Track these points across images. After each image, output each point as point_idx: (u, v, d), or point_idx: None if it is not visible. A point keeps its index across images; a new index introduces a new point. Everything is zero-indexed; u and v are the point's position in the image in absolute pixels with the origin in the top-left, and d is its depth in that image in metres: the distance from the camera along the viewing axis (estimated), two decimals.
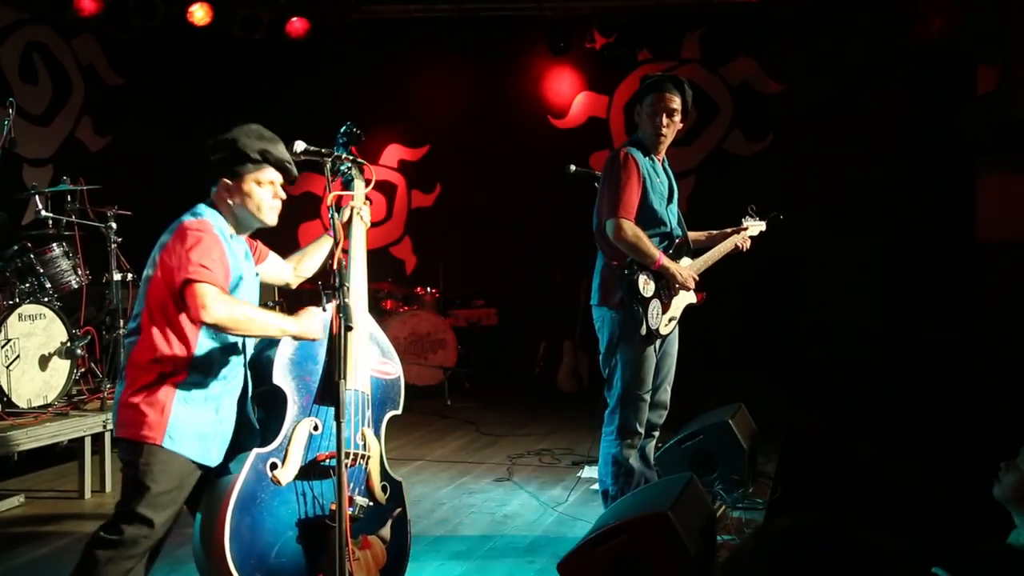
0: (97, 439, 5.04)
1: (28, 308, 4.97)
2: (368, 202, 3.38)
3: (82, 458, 4.98)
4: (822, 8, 7.69)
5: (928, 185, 7.60)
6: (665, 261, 3.90)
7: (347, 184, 3.40)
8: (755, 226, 4.41)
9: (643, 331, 3.82)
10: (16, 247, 5.21)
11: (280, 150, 3.03)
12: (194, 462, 2.85)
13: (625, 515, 3.25)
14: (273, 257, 3.35)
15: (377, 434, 3.19)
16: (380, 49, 8.86)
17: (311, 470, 2.97)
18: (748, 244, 4.35)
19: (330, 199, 2.92)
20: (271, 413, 3.03)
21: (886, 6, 7.45)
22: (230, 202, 2.97)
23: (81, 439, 4.96)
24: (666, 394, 4.17)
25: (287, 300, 7.32)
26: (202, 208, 2.96)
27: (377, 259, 9.18)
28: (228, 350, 2.94)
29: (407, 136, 9.52)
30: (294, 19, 8.44)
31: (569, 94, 9.10)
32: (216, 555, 2.79)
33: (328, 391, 2.97)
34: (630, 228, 3.82)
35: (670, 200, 4.10)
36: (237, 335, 2.88)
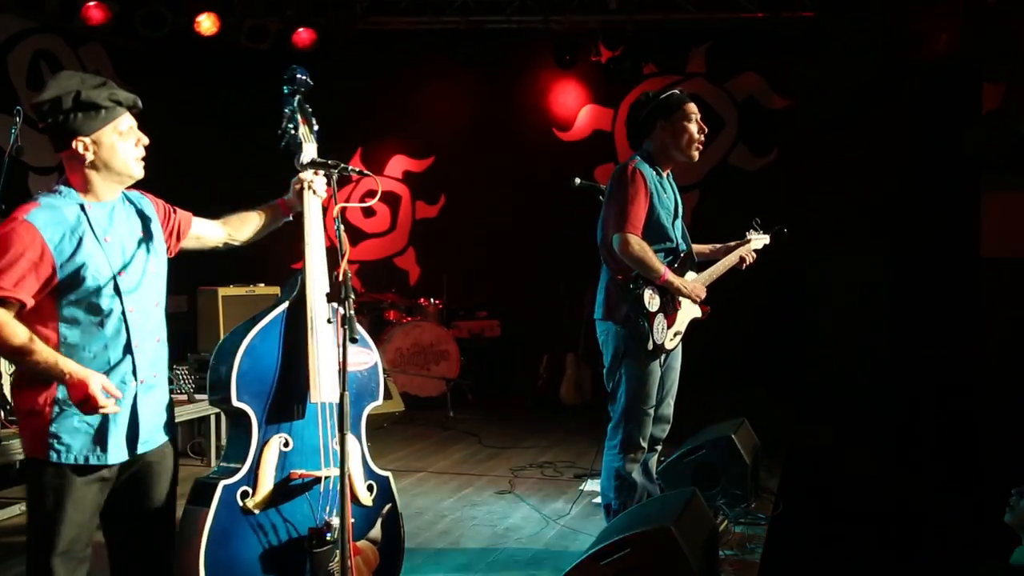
0: None
1: None
2: (331, 170, 3.03)
3: None
4: (828, 24, 7.71)
5: (933, 201, 7.61)
6: (671, 276, 3.89)
7: (292, 148, 3.15)
8: (759, 239, 4.39)
9: (649, 346, 3.81)
10: None
11: (123, 91, 2.63)
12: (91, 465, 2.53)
13: (628, 529, 3.23)
14: (198, 223, 2.98)
15: (356, 433, 2.96)
16: (386, 60, 8.90)
17: (285, 491, 2.80)
18: (753, 258, 4.32)
19: (336, 210, 2.91)
20: (236, 433, 2.85)
21: (892, 23, 7.47)
22: (89, 166, 2.55)
23: None
24: (669, 408, 4.16)
25: None
26: (42, 195, 2.53)
27: (381, 270, 9.31)
28: (98, 339, 2.54)
29: (412, 147, 9.54)
30: (301, 30, 8.47)
31: (574, 107, 9.13)
32: None
33: (293, 402, 2.83)
34: (637, 243, 3.81)
35: (676, 215, 4.09)
36: None
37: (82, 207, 2.54)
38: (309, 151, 3.06)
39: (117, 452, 2.57)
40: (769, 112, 8.54)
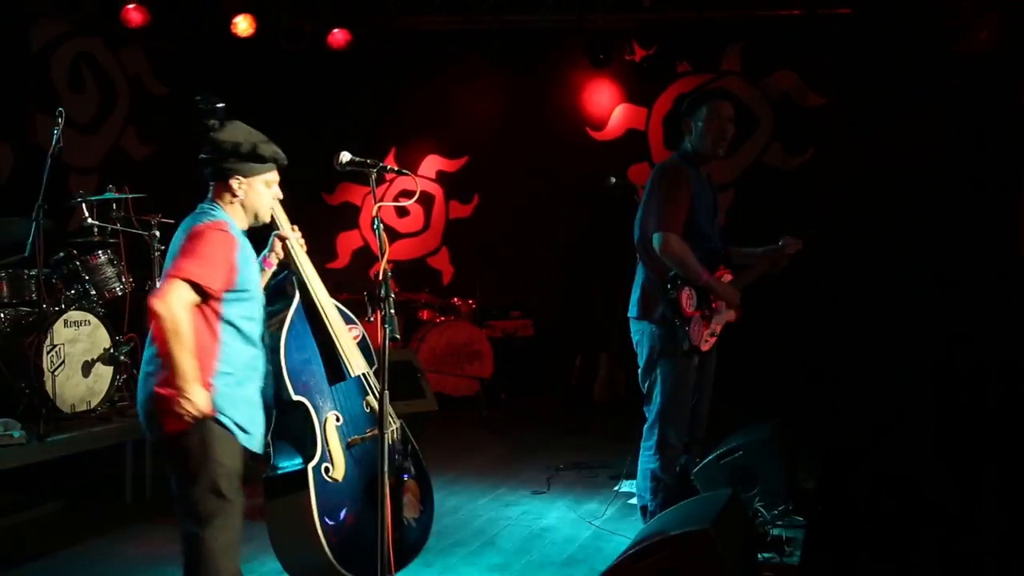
0: (139, 445, 5.09)
1: (74, 314, 5.04)
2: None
3: (124, 463, 5.04)
4: (866, 21, 7.62)
5: (972, 199, 7.49)
6: (709, 277, 3.87)
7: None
8: (793, 244, 4.32)
9: (685, 347, 3.80)
10: (62, 254, 5.30)
11: (280, 152, 3.12)
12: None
13: (665, 531, 3.21)
14: None
15: (372, 393, 3.46)
16: (420, 60, 8.92)
17: (352, 454, 3.29)
18: (785, 263, 4.27)
19: (375, 209, 2.93)
20: (295, 425, 3.22)
21: (931, 19, 7.37)
22: (237, 201, 3.00)
23: (123, 444, 5.02)
24: (704, 408, 4.14)
25: None
26: (216, 209, 2.97)
27: (414, 269, 9.35)
28: (251, 343, 2.97)
29: (446, 147, 9.56)
30: (336, 30, 8.52)
31: (608, 106, 9.08)
32: (323, 565, 3.12)
33: (330, 382, 3.30)
34: (677, 243, 3.79)
35: (714, 215, 4.06)
36: (162, 337, 2.73)
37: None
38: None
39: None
40: (804, 110, 8.44)
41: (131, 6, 7.65)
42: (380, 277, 2.81)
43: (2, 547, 4.20)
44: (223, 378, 2.85)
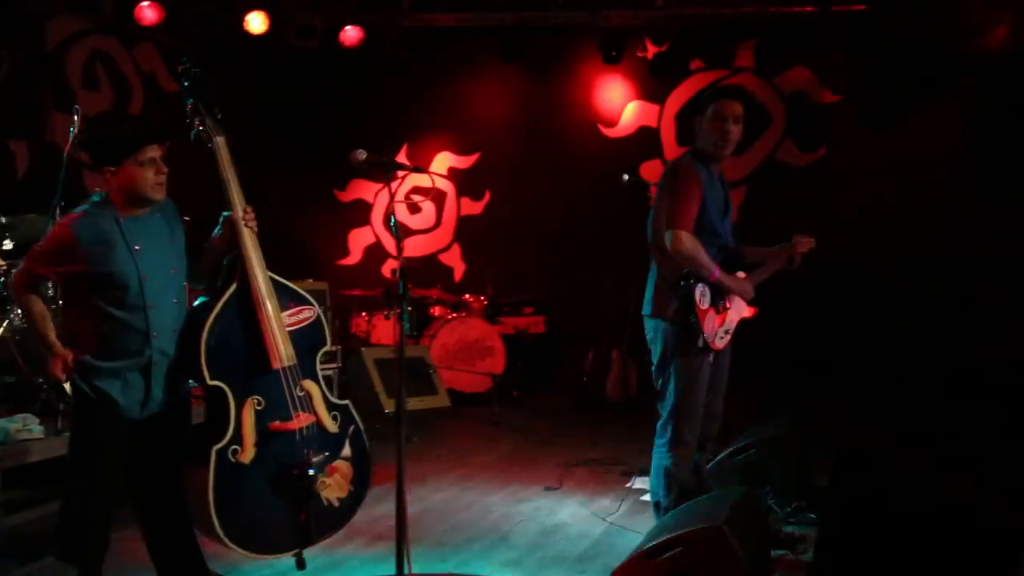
0: None
1: None
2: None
3: None
4: (880, 17, 7.60)
5: (989, 197, 7.46)
6: (721, 274, 3.88)
7: (205, 140, 3.51)
8: (805, 243, 4.30)
9: (699, 343, 3.81)
10: None
11: (142, 124, 3.34)
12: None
13: (679, 528, 3.23)
14: None
15: (313, 377, 3.47)
16: (432, 57, 8.94)
17: (267, 438, 3.30)
18: (799, 261, 4.27)
19: (390, 208, 2.95)
20: (212, 405, 3.30)
21: (948, 16, 7.34)
22: (119, 189, 3.15)
23: None
24: (719, 405, 4.14)
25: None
26: (90, 200, 3.19)
27: (426, 266, 9.37)
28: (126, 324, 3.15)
29: (458, 144, 9.58)
30: (348, 27, 8.54)
31: (620, 103, 9.09)
32: (214, 538, 3.22)
33: (260, 367, 3.31)
34: (689, 240, 3.80)
35: (726, 212, 4.07)
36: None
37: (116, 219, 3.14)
38: (220, 143, 3.46)
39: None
40: (818, 107, 8.43)
41: (145, 4, 7.70)
42: (397, 275, 2.80)
43: (23, 541, 4.23)
44: (94, 352, 3.12)
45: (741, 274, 4.08)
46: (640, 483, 5.35)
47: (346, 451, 3.51)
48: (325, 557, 3.90)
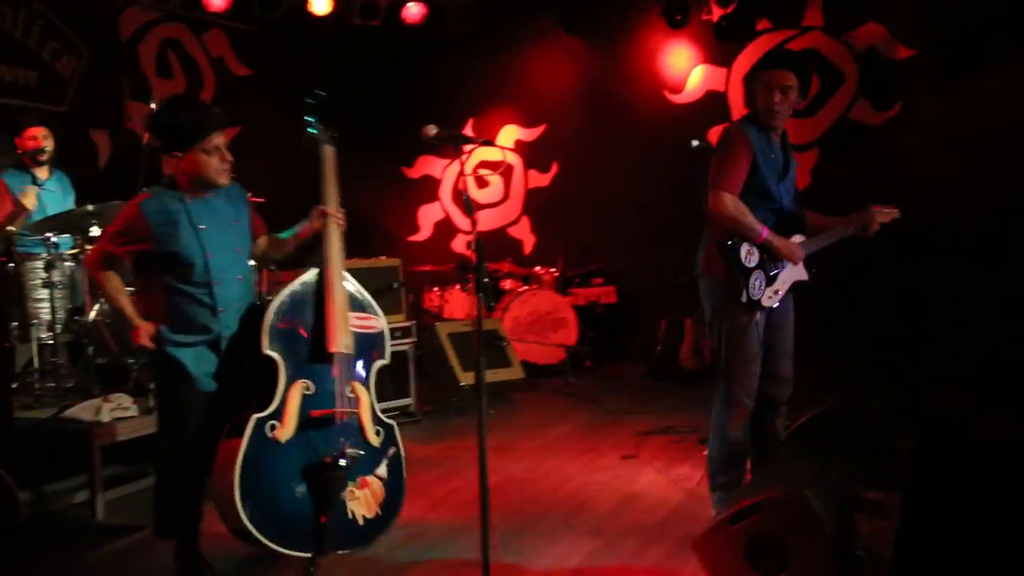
0: None
1: None
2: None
3: None
4: None
5: None
6: (769, 235, 3.86)
7: (313, 146, 3.68)
8: (886, 214, 4.21)
9: (743, 299, 3.80)
10: None
11: (209, 113, 3.47)
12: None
13: (760, 493, 3.22)
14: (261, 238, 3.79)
15: (366, 384, 3.53)
16: (495, 30, 8.93)
17: (307, 425, 3.33)
18: (876, 228, 4.18)
19: (461, 181, 2.98)
20: (266, 376, 3.35)
21: None
22: (185, 173, 3.38)
23: None
24: (786, 368, 4.10)
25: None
26: (159, 183, 3.45)
27: (495, 240, 9.42)
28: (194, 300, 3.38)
29: (523, 116, 9.57)
30: (410, 4, 8.59)
31: (686, 68, 8.96)
32: (231, 514, 3.20)
33: (317, 355, 3.38)
34: (731, 202, 3.79)
35: (783, 176, 4.02)
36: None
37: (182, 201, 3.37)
38: (329, 152, 3.66)
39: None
40: (892, 64, 8.18)
41: None
42: (473, 248, 2.87)
43: (119, 514, 4.41)
44: (169, 326, 3.37)
45: (798, 238, 4.03)
46: None
47: (382, 470, 3.51)
48: (408, 528, 3.98)
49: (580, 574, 3.57)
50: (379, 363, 3.59)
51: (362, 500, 3.43)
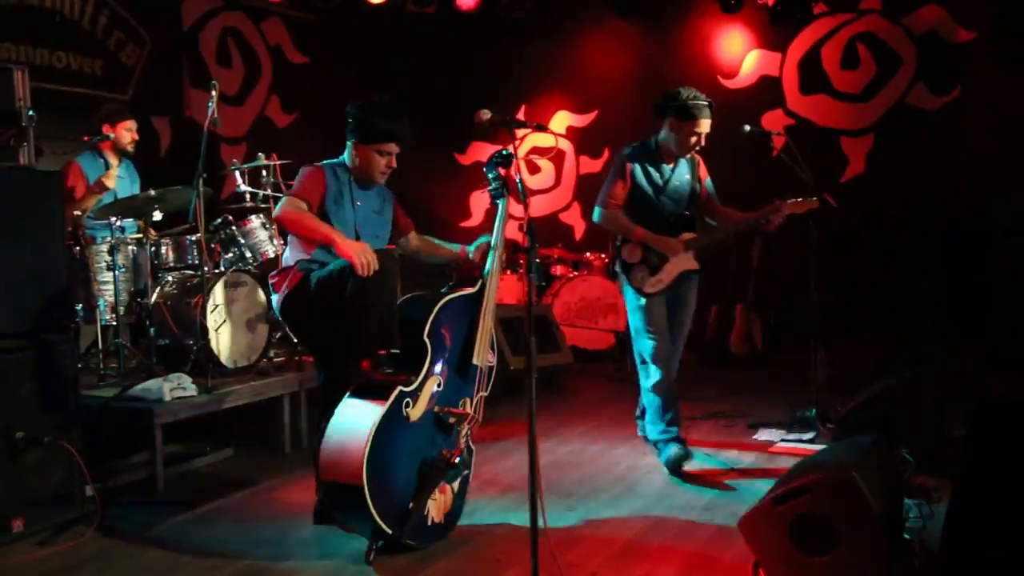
0: (294, 397, 5.41)
1: (232, 276, 5.37)
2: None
3: (282, 415, 5.37)
4: None
5: None
6: (644, 234, 4.72)
7: (495, 198, 3.94)
8: (798, 204, 4.79)
9: (633, 286, 4.79)
10: (219, 220, 5.63)
11: (401, 127, 3.89)
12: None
13: (808, 474, 3.23)
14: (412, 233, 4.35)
15: (474, 405, 3.81)
16: (547, 17, 8.94)
17: (430, 416, 3.61)
18: (781, 220, 4.75)
19: (515, 164, 3.04)
20: (416, 355, 3.60)
21: None
22: (356, 160, 3.94)
23: (281, 397, 5.35)
24: (680, 341, 5.00)
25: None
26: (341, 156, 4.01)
27: (546, 225, 9.46)
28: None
29: (575, 102, 9.58)
30: None
31: (740, 53, 8.89)
32: (352, 460, 3.39)
33: (456, 360, 3.71)
34: (602, 214, 4.81)
35: (662, 192, 4.80)
36: (292, 231, 3.85)
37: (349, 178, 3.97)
38: (503, 205, 3.92)
39: None
40: (951, 47, 8.02)
41: None
42: (524, 229, 2.96)
43: (181, 490, 4.56)
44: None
45: (687, 235, 4.78)
46: (766, 435, 5.33)
47: (457, 484, 3.76)
48: None
49: (627, 551, 3.61)
50: (482, 394, 3.83)
51: (439, 503, 3.67)
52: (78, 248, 5.24)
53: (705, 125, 4.76)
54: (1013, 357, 6.53)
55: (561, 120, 9.63)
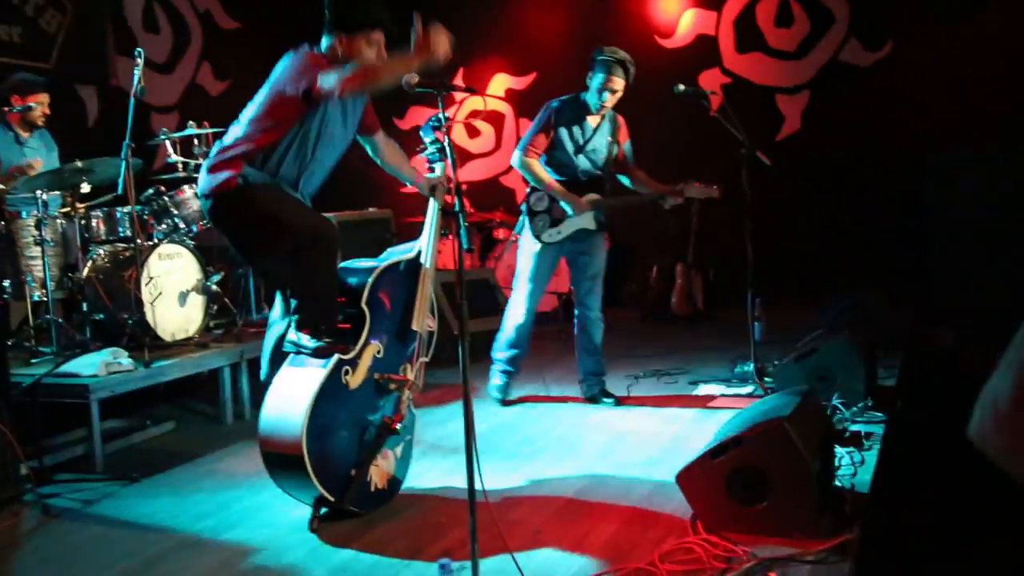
0: (235, 369, 5.36)
1: (166, 248, 5.27)
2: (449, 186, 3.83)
3: (223, 387, 5.32)
4: None
5: None
6: (555, 186, 5.01)
7: (432, 162, 3.88)
8: (702, 190, 5.16)
9: (532, 232, 5.10)
10: (151, 191, 5.51)
11: (387, 16, 3.71)
12: None
13: (743, 426, 3.30)
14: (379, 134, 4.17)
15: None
16: None
17: (368, 384, 3.60)
18: (679, 200, 5.17)
19: (445, 128, 3.02)
20: (355, 323, 3.60)
21: None
22: (340, 55, 3.59)
23: (221, 369, 5.29)
24: (581, 293, 5.30)
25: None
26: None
27: (487, 189, 9.43)
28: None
29: (514, 65, 9.52)
30: None
31: (676, 12, 8.90)
32: (291, 431, 3.40)
33: (395, 326, 3.71)
34: (521, 159, 5.05)
35: (581, 151, 5.03)
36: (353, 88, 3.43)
37: None
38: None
39: None
40: (883, 3, 8.11)
41: None
42: (452, 203, 2.96)
43: (121, 465, 4.50)
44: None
45: (593, 196, 5.03)
46: (706, 390, 5.42)
47: (399, 450, 3.76)
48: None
49: (569, 508, 3.66)
50: (423, 359, 3.82)
51: (380, 469, 3.66)
52: (3, 223, 5.10)
53: (616, 83, 4.93)
54: (942, 310, 6.71)
55: (500, 83, 9.58)
